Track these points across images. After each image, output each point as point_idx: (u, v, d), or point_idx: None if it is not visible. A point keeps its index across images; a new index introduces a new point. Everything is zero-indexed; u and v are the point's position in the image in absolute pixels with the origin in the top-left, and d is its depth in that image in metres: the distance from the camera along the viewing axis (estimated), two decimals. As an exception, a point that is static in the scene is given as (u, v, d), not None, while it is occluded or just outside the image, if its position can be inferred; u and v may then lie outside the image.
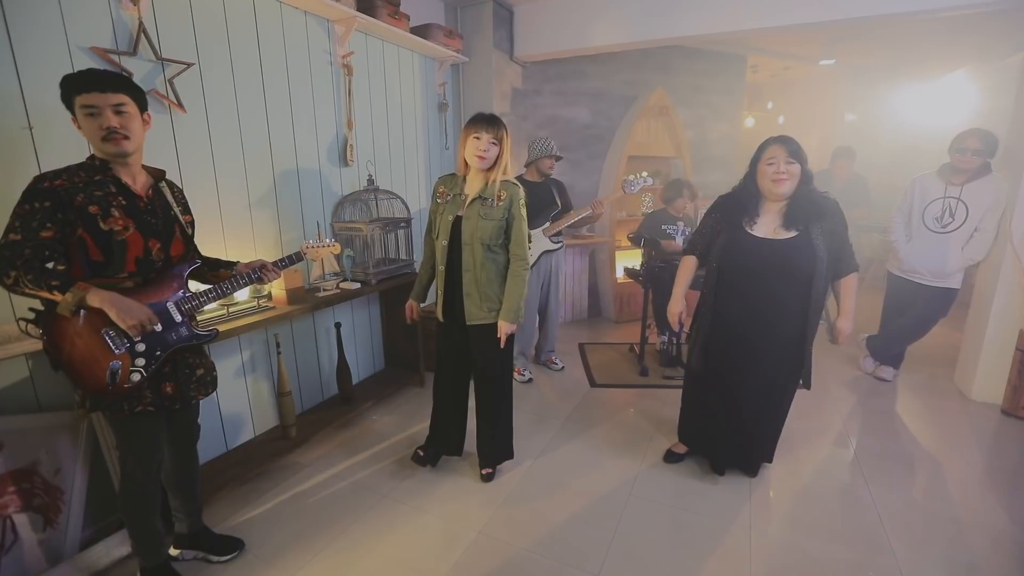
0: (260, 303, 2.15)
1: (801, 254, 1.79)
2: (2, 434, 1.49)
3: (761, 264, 1.84)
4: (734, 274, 1.91)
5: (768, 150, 1.82)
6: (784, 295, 1.83)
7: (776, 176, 1.79)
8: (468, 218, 1.90)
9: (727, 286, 1.93)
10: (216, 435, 2.17)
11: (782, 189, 1.80)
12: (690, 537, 1.82)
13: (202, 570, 1.66)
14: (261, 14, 2.17)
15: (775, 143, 1.82)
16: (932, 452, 2.37)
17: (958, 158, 2.73)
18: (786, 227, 1.82)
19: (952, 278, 2.84)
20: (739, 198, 1.92)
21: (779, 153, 1.79)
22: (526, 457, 2.32)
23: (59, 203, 1.20)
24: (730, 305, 1.93)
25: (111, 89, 1.25)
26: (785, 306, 1.84)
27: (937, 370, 3.28)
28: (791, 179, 1.79)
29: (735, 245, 1.89)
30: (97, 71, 1.26)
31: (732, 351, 1.97)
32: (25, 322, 1.26)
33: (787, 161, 1.78)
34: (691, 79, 4.54)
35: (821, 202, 1.81)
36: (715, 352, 2.01)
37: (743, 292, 1.89)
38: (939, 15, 2.69)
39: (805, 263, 1.78)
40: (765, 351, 1.90)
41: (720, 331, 1.97)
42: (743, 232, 1.88)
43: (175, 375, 1.43)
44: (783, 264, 1.80)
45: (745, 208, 1.89)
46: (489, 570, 1.66)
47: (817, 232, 1.80)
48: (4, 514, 1.49)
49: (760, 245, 1.84)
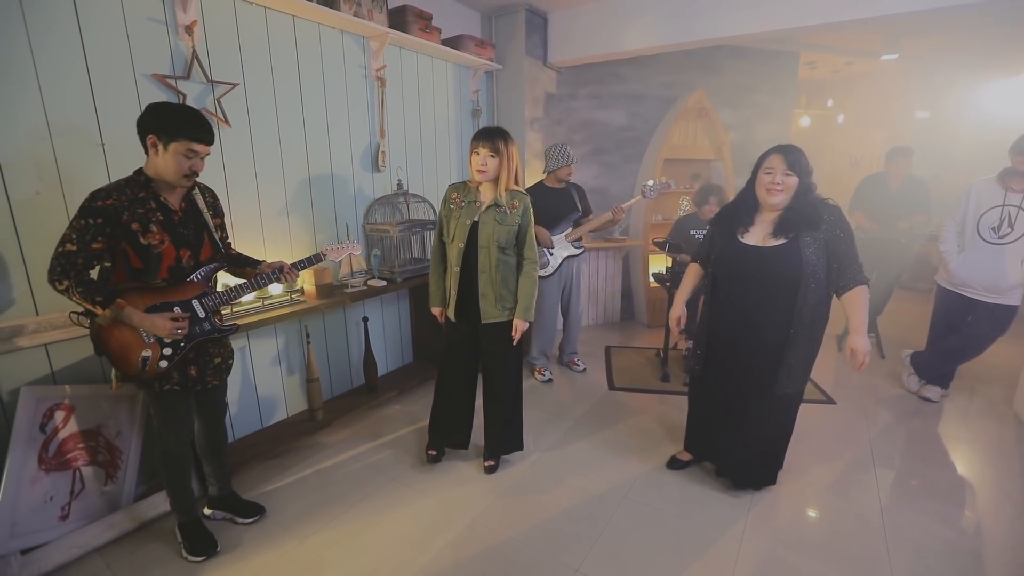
0: (292, 296, 2.38)
1: (786, 262, 1.76)
2: (74, 399, 1.79)
3: (748, 271, 1.83)
4: (725, 281, 1.91)
5: (768, 159, 1.80)
6: (771, 302, 1.81)
7: (771, 186, 1.77)
8: (485, 223, 2.02)
9: (720, 293, 1.94)
10: (252, 413, 2.44)
11: (774, 200, 1.77)
12: (676, 543, 1.83)
13: (228, 529, 1.90)
14: (300, 35, 2.40)
15: (776, 152, 1.79)
16: (968, 480, 2.21)
17: (1020, 160, 2.50)
18: (775, 235, 1.80)
19: (1009, 294, 2.60)
20: (737, 206, 1.91)
21: (777, 163, 1.77)
22: (532, 452, 2.41)
23: (109, 220, 1.43)
24: (724, 312, 1.94)
25: (212, 143, 1.53)
26: (774, 313, 1.81)
27: (998, 392, 3.01)
28: (786, 191, 1.76)
29: (727, 253, 1.89)
30: (206, 122, 1.50)
31: (727, 357, 1.97)
32: (76, 315, 1.52)
33: (784, 172, 1.75)
34: (737, 78, 4.39)
35: (815, 211, 1.76)
36: (712, 358, 2.02)
37: (733, 299, 1.90)
38: (1002, 5, 2.48)
39: (789, 271, 1.75)
40: (755, 357, 1.88)
41: (716, 337, 1.98)
42: (735, 240, 1.88)
43: (198, 360, 1.66)
44: (767, 271, 1.79)
45: (741, 216, 1.88)
46: (474, 553, 1.78)
47: (808, 240, 1.75)
48: (74, 466, 1.79)
49: (747, 252, 1.84)
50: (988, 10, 2.62)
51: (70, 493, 1.78)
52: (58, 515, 1.74)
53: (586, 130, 4.08)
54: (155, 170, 1.51)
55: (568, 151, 2.97)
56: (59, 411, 1.75)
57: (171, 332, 1.52)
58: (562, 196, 3.04)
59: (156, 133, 1.46)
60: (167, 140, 1.46)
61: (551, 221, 3.01)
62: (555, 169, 2.97)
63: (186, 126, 1.46)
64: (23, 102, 1.64)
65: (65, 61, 1.71)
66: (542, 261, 3.02)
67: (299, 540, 1.85)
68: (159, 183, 1.54)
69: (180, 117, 1.47)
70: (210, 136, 1.52)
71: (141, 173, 1.53)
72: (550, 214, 3.00)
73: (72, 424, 1.79)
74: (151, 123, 1.46)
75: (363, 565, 1.73)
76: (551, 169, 2.98)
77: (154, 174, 1.52)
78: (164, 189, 1.55)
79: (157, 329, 1.50)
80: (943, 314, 2.90)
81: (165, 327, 1.51)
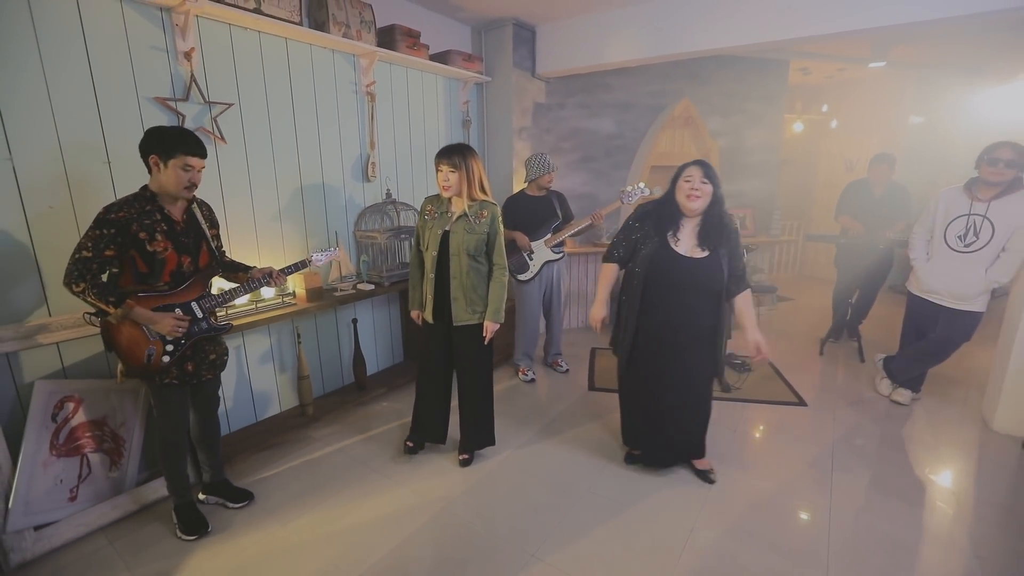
0: (284, 300, 2.56)
1: (711, 272, 2.01)
2: (82, 392, 1.99)
3: (682, 279, 2.03)
4: (660, 286, 2.07)
5: (687, 170, 2.04)
6: (699, 307, 2.05)
7: (690, 192, 2.00)
8: (455, 232, 2.17)
9: (652, 296, 2.09)
10: (247, 408, 2.63)
11: (694, 205, 2.00)
12: (630, 534, 1.96)
13: (219, 512, 2.08)
14: (293, 55, 2.58)
15: (693, 165, 2.04)
16: (921, 481, 2.29)
17: (988, 170, 2.56)
18: (700, 246, 2.02)
19: (975, 301, 2.67)
20: (663, 211, 2.09)
21: (695, 173, 2.01)
22: (508, 447, 2.56)
23: (120, 230, 1.62)
24: (656, 313, 2.10)
25: (206, 156, 1.73)
26: (701, 316, 2.06)
27: (968, 396, 3.08)
28: (703, 197, 2.00)
29: (662, 259, 2.05)
30: (199, 139, 1.70)
31: (658, 355, 2.14)
32: (88, 315, 1.71)
33: (701, 181, 1.99)
34: (725, 86, 4.48)
35: (726, 226, 2.03)
36: (642, 356, 2.18)
37: (666, 302, 2.07)
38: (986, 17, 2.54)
39: (715, 281, 2.02)
40: (686, 355, 2.10)
41: (646, 336, 2.14)
42: (668, 247, 2.05)
43: (195, 356, 1.84)
44: (697, 280, 2.02)
45: (668, 221, 2.06)
46: (440, 539, 1.93)
47: (723, 253, 2.02)
48: (82, 452, 1.99)
49: (681, 262, 2.03)
50: (973, 22, 2.67)
51: (78, 477, 1.97)
52: (67, 496, 1.94)
53: (575, 138, 4.21)
54: (159, 185, 1.69)
55: (548, 160, 3.10)
56: (69, 403, 1.95)
57: (173, 330, 1.70)
58: (543, 203, 3.18)
59: (157, 152, 1.65)
60: (166, 158, 1.64)
61: (532, 227, 3.15)
62: (536, 177, 3.11)
63: (181, 144, 1.65)
64: (37, 125, 1.83)
65: (75, 87, 1.90)
66: (522, 265, 3.16)
67: (282, 524, 2.02)
68: (163, 197, 1.72)
69: (175, 137, 1.66)
70: (203, 150, 1.71)
71: (147, 189, 1.72)
72: (531, 221, 3.15)
73: (81, 414, 1.98)
74: (151, 144, 1.65)
75: (337, 547, 1.90)
76: (532, 178, 3.12)
77: (158, 189, 1.70)
78: (167, 202, 1.74)
79: (162, 327, 1.68)
80: (913, 320, 2.98)
81: (169, 325, 1.69)
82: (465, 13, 3.48)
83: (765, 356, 2.06)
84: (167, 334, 1.69)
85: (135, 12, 2.02)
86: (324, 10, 2.56)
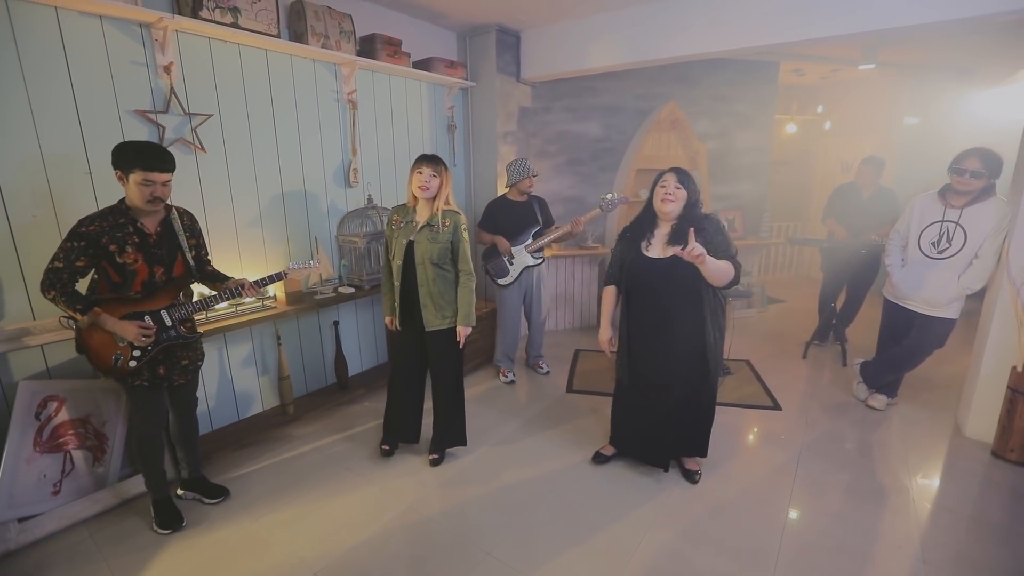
0: (264, 303, 2.65)
1: (683, 268, 1.98)
2: (66, 392, 2.09)
3: (653, 280, 2.07)
4: (636, 294, 2.13)
5: (663, 177, 2.09)
6: (678, 308, 2.06)
7: (664, 196, 2.05)
8: (419, 242, 2.24)
9: (633, 304, 2.15)
10: (230, 406, 2.72)
11: (668, 208, 2.05)
12: (585, 533, 2.02)
13: (196, 507, 2.18)
14: (273, 65, 2.66)
15: (668, 172, 2.09)
16: (883, 488, 2.31)
17: (955, 179, 2.58)
18: (672, 244, 2.04)
19: (947, 308, 2.67)
20: (640, 221, 2.15)
21: (670, 179, 2.06)
22: (480, 447, 2.63)
23: (91, 243, 1.70)
24: (640, 320, 2.15)
25: (170, 170, 1.77)
26: (682, 317, 2.07)
27: (944, 402, 3.08)
28: (677, 201, 2.05)
29: (634, 265, 2.11)
30: (160, 153, 1.74)
31: (648, 361, 2.18)
32: (64, 319, 1.80)
33: (675, 186, 2.04)
34: (713, 89, 4.49)
35: (700, 219, 2.05)
36: (636, 364, 2.23)
37: (645, 308, 2.12)
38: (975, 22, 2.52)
39: (688, 276, 2.00)
40: (670, 359, 2.13)
41: (636, 344, 2.19)
42: (641, 255, 2.11)
43: (166, 361, 1.93)
44: (671, 280, 2.04)
45: (644, 229, 2.12)
46: (401, 536, 2.01)
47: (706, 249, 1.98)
48: (65, 448, 2.09)
49: (652, 264, 2.08)
50: (964, 26, 2.65)
51: (61, 472, 2.08)
52: (51, 491, 2.04)
53: (561, 141, 4.25)
54: (129, 199, 1.78)
55: (528, 164, 3.15)
56: (52, 402, 2.05)
57: (137, 337, 1.78)
58: (524, 208, 3.23)
59: (119, 168, 1.73)
60: (127, 172, 1.72)
61: (512, 232, 3.20)
62: (517, 182, 3.16)
63: (138, 159, 1.70)
64: (20, 137, 1.93)
65: (57, 101, 1.99)
66: (502, 269, 3.22)
67: (254, 519, 2.11)
68: (135, 210, 1.80)
69: (133, 152, 1.71)
70: (164, 165, 1.75)
71: (123, 202, 1.80)
72: (512, 225, 3.20)
73: (64, 413, 2.09)
74: (115, 160, 1.73)
75: (303, 542, 1.98)
76: (513, 182, 3.18)
77: (130, 202, 1.79)
78: (141, 215, 1.82)
79: (126, 334, 1.77)
80: (888, 325, 2.99)
81: (133, 332, 1.77)
82: (449, 20, 3.53)
83: (691, 253, 1.84)
84: (132, 341, 1.78)
85: (115, 29, 2.11)
86: (303, 22, 2.63)
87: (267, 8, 2.45)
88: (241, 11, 2.35)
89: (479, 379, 3.48)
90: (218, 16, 2.28)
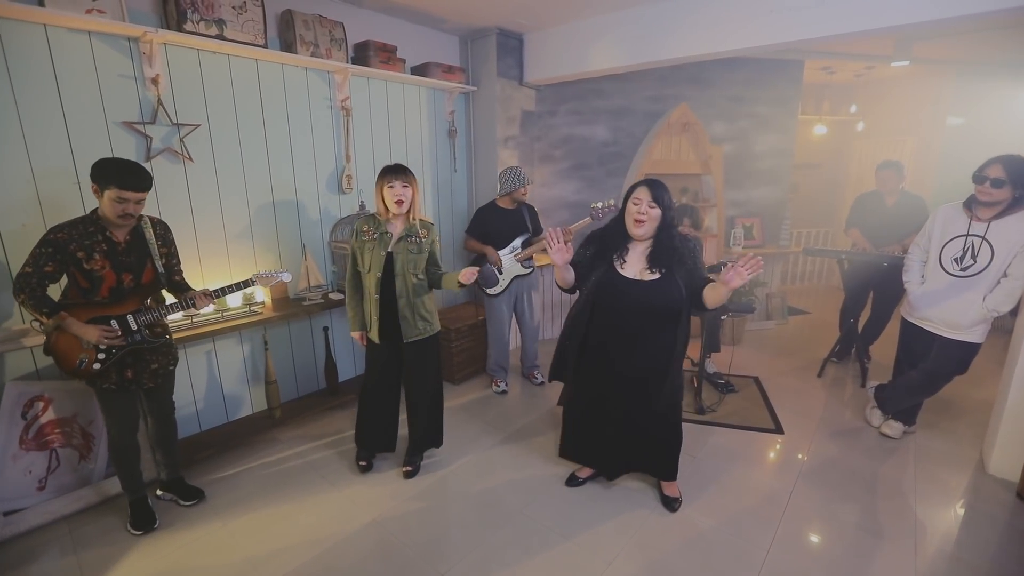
0: (251, 308, 2.69)
1: (666, 295, 1.90)
2: (52, 392, 2.18)
3: (631, 303, 1.94)
4: (607, 311, 2.00)
5: (636, 191, 1.93)
6: (651, 331, 1.96)
7: (637, 216, 1.90)
8: (399, 253, 2.22)
9: (600, 320, 2.03)
10: (219, 409, 2.79)
11: (639, 231, 1.91)
12: (546, 560, 1.94)
13: (172, 509, 2.24)
14: (264, 74, 2.69)
15: (642, 186, 1.92)
16: (883, 528, 2.12)
17: (977, 188, 2.34)
18: (651, 269, 1.92)
19: (970, 331, 2.42)
20: (611, 234, 2.02)
21: (643, 195, 1.90)
22: (459, 459, 2.59)
23: (59, 249, 1.77)
24: (604, 337, 2.04)
25: (145, 189, 1.82)
26: (652, 340, 1.96)
27: (973, 433, 2.80)
28: (650, 222, 1.90)
29: (609, 283, 1.98)
30: (137, 171, 1.79)
31: (606, 377, 2.08)
32: (37, 322, 1.87)
33: (649, 204, 1.89)
34: (729, 89, 4.27)
35: (677, 249, 1.91)
36: (588, 376, 2.13)
37: (615, 327, 2.01)
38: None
39: (671, 303, 1.90)
40: (634, 379, 2.03)
41: (593, 358, 2.09)
42: (615, 272, 1.98)
43: (135, 364, 1.97)
44: (650, 304, 1.92)
45: (614, 245, 1.99)
46: (360, 550, 1.99)
47: (682, 273, 1.91)
48: (51, 446, 2.19)
49: (630, 286, 1.94)
50: (1006, 18, 2.40)
51: (47, 469, 2.17)
52: (36, 487, 2.14)
53: (567, 146, 4.15)
54: (102, 210, 1.83)
55: (522, 173, 3.08)
56: (39, 401, 2.15)
57: (100, 339, 1.83)
58: (514, 216, 3.16)
59: (96, 182, 1.78)
60: (103, 188, 1.77)
61: (501, 240, 3.14)
62: (511, 191, 3.09)
63: (115, 178, 1.76)
64: (9, 149, 2.02)
65: (46, 113, 2.08)
66: (491, 278, 3.16)
67: (223, 523, 2.15)
68: (106, 220, 1.86)
69: (111, 170, 1.77)
70: (138, 184, 1.80)
71: (95, 212, 1.86)
72: (501, 234, 3.14)
73: (50, 412, 2.18)
74: (93, 174, 1.78)
75: (264, 549, 1.99)
76: (507, 191, 3.10)
77: (102, 213, 1.84)
78: (111, 225, 1.87)
79: (89, 337, 1.82)
80: (905, 348, 2.75)
81: (95, 335, 1.82)
82: (449, 24, 3.50)
83: (750, 266, 1.67)
84: (95, 343, 1.83)
85: (103, 44, 2.18)
86: (291, 31, 2.66)
87: (254, 19, 2.48)
88: (227, 23, 2.39)
89: (471, 388, 3.44)
90: (203, 28, 2.32)
